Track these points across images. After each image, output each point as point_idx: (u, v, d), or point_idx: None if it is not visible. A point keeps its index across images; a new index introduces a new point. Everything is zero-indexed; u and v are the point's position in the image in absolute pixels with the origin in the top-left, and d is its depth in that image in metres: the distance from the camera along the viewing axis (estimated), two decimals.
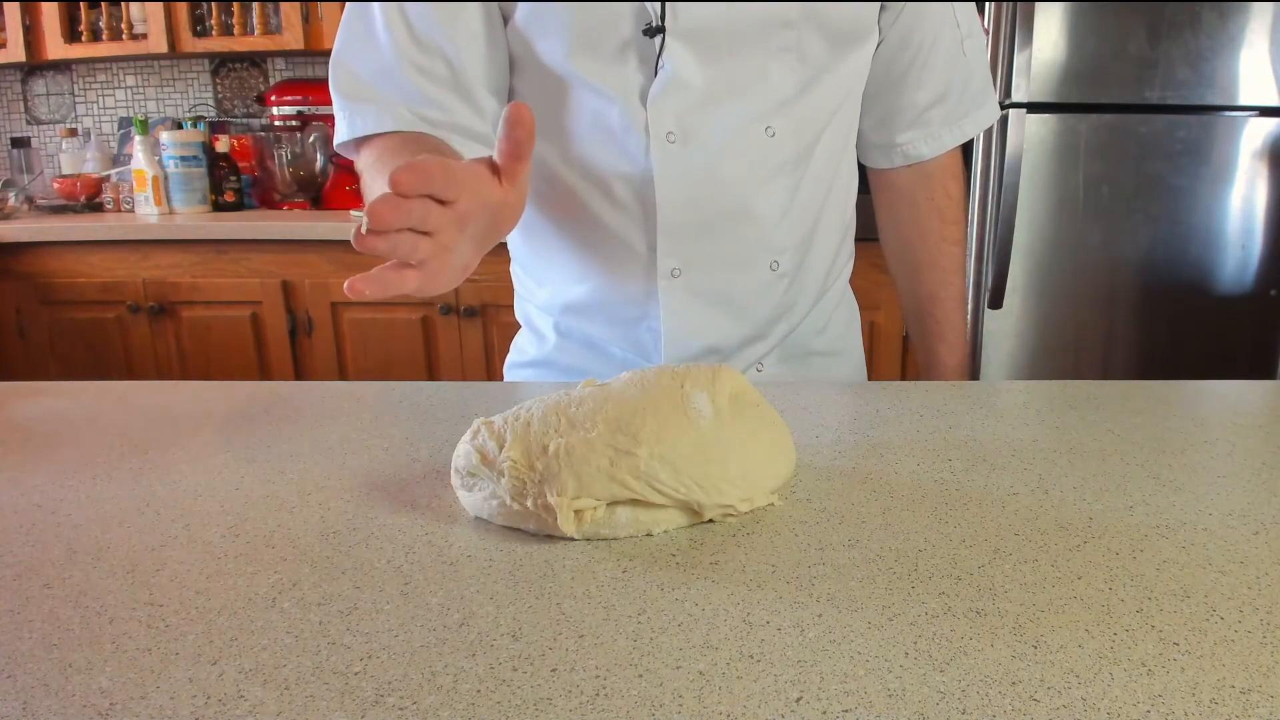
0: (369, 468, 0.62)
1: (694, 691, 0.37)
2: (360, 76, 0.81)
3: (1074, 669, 0.38)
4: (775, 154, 0.83)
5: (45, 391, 0.82)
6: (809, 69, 0.82)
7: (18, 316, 2.36)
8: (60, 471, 0.62)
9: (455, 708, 0.36)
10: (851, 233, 0.98)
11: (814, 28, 0.80)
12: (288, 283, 2.25)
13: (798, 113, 0.83)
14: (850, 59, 0.85)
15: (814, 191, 0.88)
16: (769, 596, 0.44)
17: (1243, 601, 0.43)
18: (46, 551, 0.50)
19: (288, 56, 2.75)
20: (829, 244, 0.93)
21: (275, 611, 0.44)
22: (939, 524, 0.52)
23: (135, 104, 2.86)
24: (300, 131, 2.61)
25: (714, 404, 0.54)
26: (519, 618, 0.43)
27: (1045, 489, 0.57)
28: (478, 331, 2.23)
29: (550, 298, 0.94)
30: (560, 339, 0.95)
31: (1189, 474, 0.60)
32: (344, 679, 0.38)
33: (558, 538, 0.51)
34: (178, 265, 2.28)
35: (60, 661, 0.40)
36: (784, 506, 0.55)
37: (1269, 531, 0.51)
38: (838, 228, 0.93)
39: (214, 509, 0.56)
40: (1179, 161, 1.96)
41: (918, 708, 0.36)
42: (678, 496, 0.51)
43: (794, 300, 0.91)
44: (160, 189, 2.51)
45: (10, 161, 2.82)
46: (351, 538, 0.51)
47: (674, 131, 0.80)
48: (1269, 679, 0.37)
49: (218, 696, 0.37)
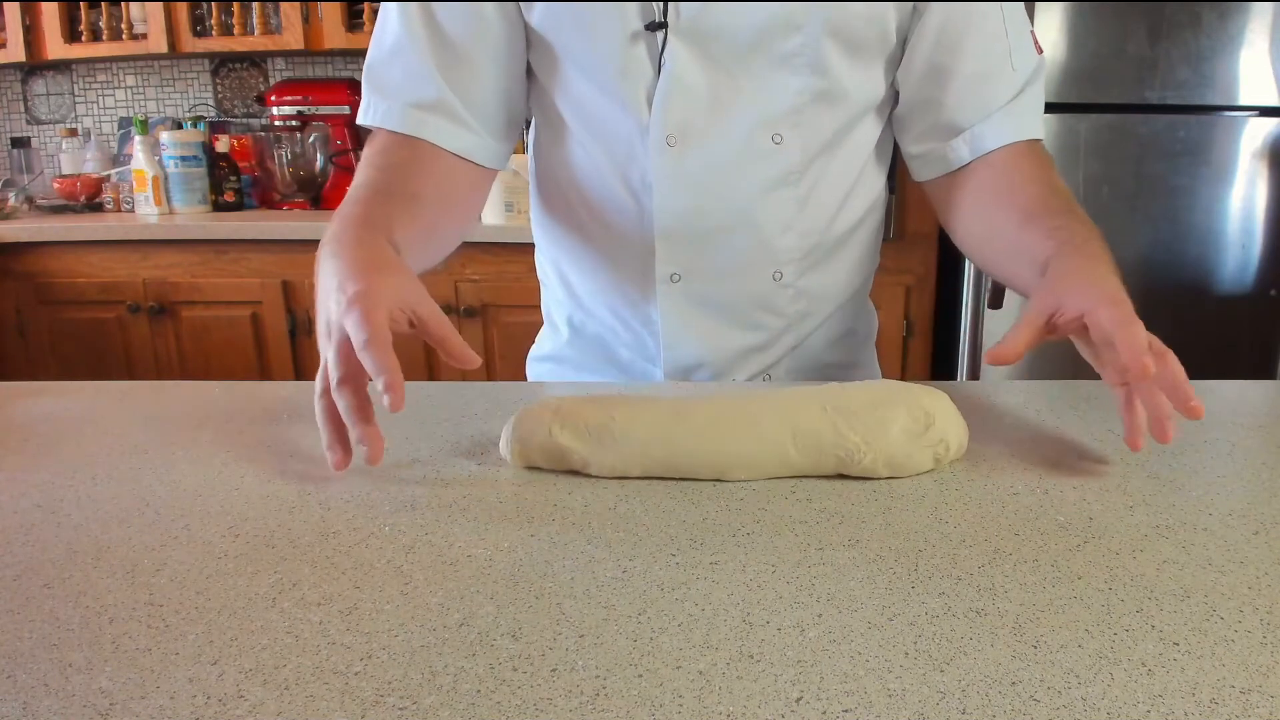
0: (369, 468, 0.62)
1: (694, 691, 0.37)
2: (378, 55, 0.82)
3: (1074, 669, 0.38)
4: (781, 163, 0.81)
5: (45, 391, 0.82)
6: (823, 78, 0.79)
7: (18, 316, 2.36)
8: (60, 471, 0.62)
9: (455, 708, 0.36)
10: (875, 247, 0.94)
11: (827, 34, 0.77)
12: (288, 283, 2.25)
13: (808, 122, 0.81)
14: (868, 70, 0.81)
15: (825, 203, 0.85)
16: (769, 596, 0.44)
17: (1243, 601, 0.43)
18: (46, 551, 0.50)
19: (288, 56, 2.75)
20: (845, 258, 0.90)
21: (275, 611, 0.44)
22: (939, 524, 0.52)
23: (135, 104, 2.86)
24: (300, 131, 2.61)
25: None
26: (519, 618, 0.43)
27: (1045, 489, 0.57)
28: (478, 331, 2.23)
29: (564, 293, 0.95)
30: (573, 335, 0.95)
31: (1189, 474, 0.60)
32: (344, 679, 0.38)
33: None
34: (178, 265, 2.28)
35: (60, 661, 0.40)
36: (785, 506, 0.55)
37: (1269, 531, 0.51)
38: (856, 242, 0.90)
39: (214, 509, 0.56)
40: (1179, 161, 1.96)
41: (918, 708, 0.36)
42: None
43: (804, 312, 0.89)
44: (160, 189, 2.51)
45: (10, 161, 2.82)
46: (351, 538, 0.51)
47: (673, 135, 0.80)
48: (1269, 679, 0.37)
49: (218, 696, 0.37)
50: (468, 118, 0.81)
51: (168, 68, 2.82)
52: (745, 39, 0.77)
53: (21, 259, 2.32)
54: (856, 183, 0.87)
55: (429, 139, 0.80)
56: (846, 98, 0.81)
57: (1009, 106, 0.81)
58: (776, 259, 0.85)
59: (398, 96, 0.80)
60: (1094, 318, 0.59)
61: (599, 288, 0.91)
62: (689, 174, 0.81)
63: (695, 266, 0.85)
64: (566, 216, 0.90)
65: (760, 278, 0.86)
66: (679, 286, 0.86)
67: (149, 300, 2.29)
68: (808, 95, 0.79)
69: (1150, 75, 1.92)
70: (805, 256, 0.86)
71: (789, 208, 0.84)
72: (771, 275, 0.86)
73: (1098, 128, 1.95)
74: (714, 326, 0.88)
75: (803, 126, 0.81)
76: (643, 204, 0.84)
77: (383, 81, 0.81)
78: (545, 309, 1.01)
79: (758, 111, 0.80)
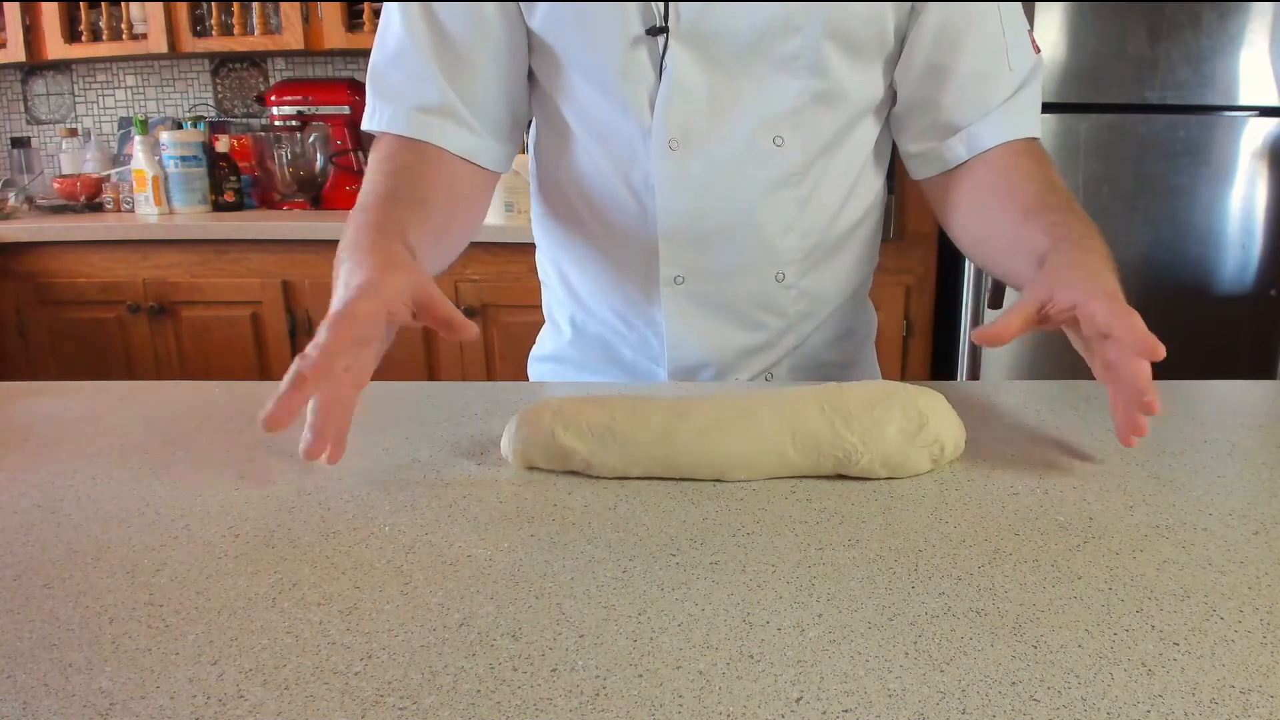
0: (369, 468, 0.62)
1: (694, 691, 0.37)
2: (381, 59, 0.82)
3: (1074, 669, 0.38)
4: (782, 165, 0.82)
5: (45, 391, 0.82)
6: (823, 80, 0.79)
7: (18, 316, 2.36)
8: (60, 471, 0.62)
9: (455, 708, 0.36)
10: (875, 247, 0.94)
11: (826, 36, 0.77)
12: (288, 283, 2.25)
13: (809, 124, 0.81)
14: (867, 71, 0.81)
15: (826, 203, 0.86)
16: (769, 596, 0.44)
17: (1243, 601, 0.43)
18: (46, 551, 0.50)
19: (288, 56, 2.75)
20: (845, 257, 0.90)
21: (275, 611, 0.44)
22: (939, 524, 0.52)
23: (135, 104, 2.86)
24: (300, 131, 2.61)
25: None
26: (519, 618, 0.43)
27: (1045, 489, 0.57)
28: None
29: (566, 294, 0.95)
30: (576, 335, 0.96)
31: (1189, 474, 0.60)
32: (344, 679, 0.38)
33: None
34: (178, 265, 2.28)
35: (60, 661, 0.40)
36: (785, 506, 0.55)
37: (1269, 531, 0.51)
38: (856, 242, 0.91)
39: (214, 509, 0.56)
40: (1179, 161, 1.96)
41: (918, 708, 0.36)
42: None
43: (805, 312, 0.89)
44: (160, 189, 2.51)
45: (10, 161, 2.82)
46: (351, 538, 0.52)
47: (676, 139, 0.80)
48: (1269, 679, 0.37)
49: (218, 696, 0.37)
50: (471, 120, 0.81)
51: (168, 68, 2.82)
52: (745, 41, 0.77)
53: (21, 259, 2.32)
54: (856, 183, 0.88)
55: (434, 142, 0.80)
56: (846, 99, 0.81)
57: (1006, 105, 0.81)
58: (778, 259, 0.86)
59: (402, 100, 0.80)
60: (1086, 310, 0.59)
61: (601, 288, 0.91)
62: (691, 176, 0.81)
63: (698, 268, 0.85)
64: (568, 218, 0.91)
65: (763, 278, 0.86)
66: (682, 288, 0.86)
67: (149, 300, 2.29)
68: (808, 97, 0.80)
69: (1150, 75, 1.92)
70: (807, 257, 0.87)
71: (790, 208, 0.84)
72: (774, 276, 0.86)
73: (1098, 128, 1.95)
74: (717, 327, 0.88)
75: (803, 128, 0.81)
76: (645, 206, 0.84)
77: (386, 85, 0.81)
78: (546, 309, 1.01)
79: (758, 113, 0.80)
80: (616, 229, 0.86)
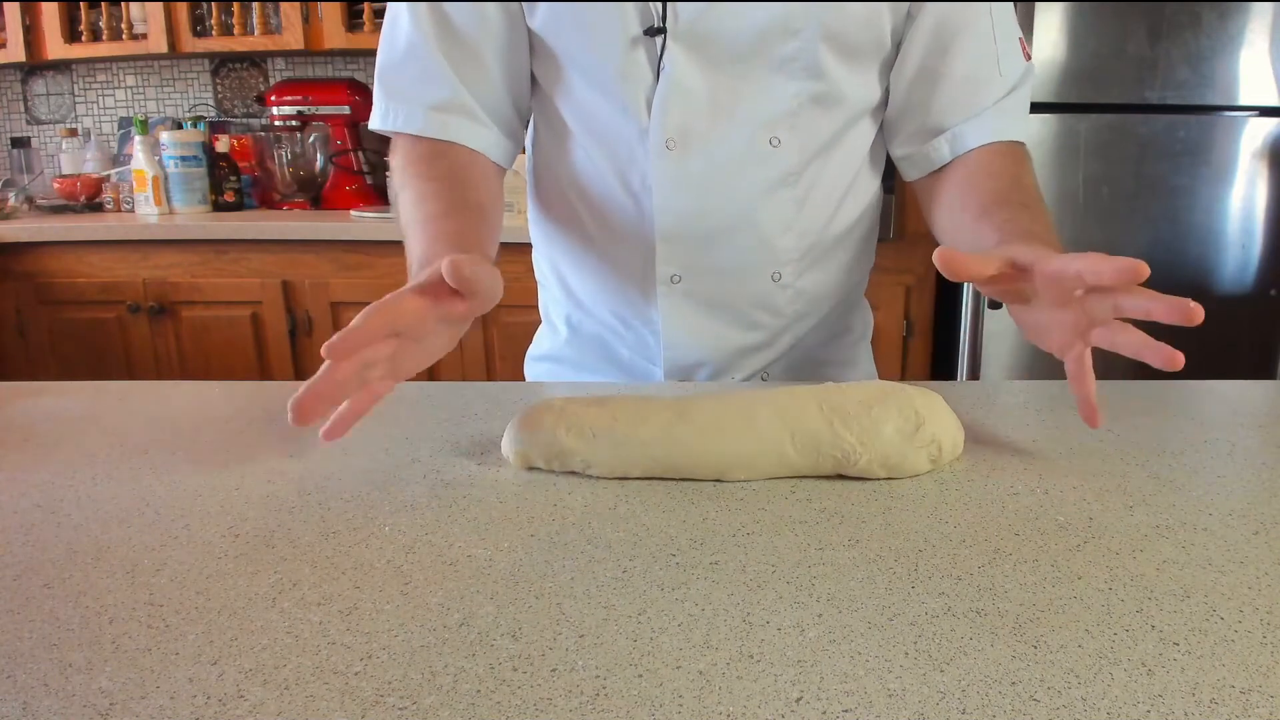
0: (369, 468, 0.62)
1: (694, 691, 0.37)
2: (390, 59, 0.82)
3: (1074, 669, 0.38)
4: (779, 165, 0.82)
5: (45, 391, 0.82)
6: (820, 82, 0.79)
7: (18, 316, 2.36)
8: (60, 471, 0.62)
9: (455, 708, 0.36)
10: (871, 247, 0.95)
11: (823, 38, 0.77)
12: (288, 283, 2.25)
13: (805, 125, 0.81)
14: (864, 74, 0.82)
15: (823, 204, 0.86)
16: (769, 596, 0.44)
17: (1243, 601, 0.43)
18: (46, 551, 0.50)
19: (288, 56, 2.75)
20: (842, 257, 0.91)
21: (275, 611, 0.44)
22: (939, 524, 0.52)
23: (135, 104, 2.86)
24: (300, 131, 2.61)
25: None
26: (519, 618, 0.43)
27: (1045, 489, 0.57)
28: (478, 331, 2.23)
29: (562, 293, 0.95)
30: (572, 334, 0.96)
31: (1189, 474, 0.60)
32: (344, 679, 0.38)
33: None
34: (178, 265, 2.28)
35: (60, 661, 0.40)
36: (785, 506, 0.55)
37: (1269, 531, 0.51)
38: (852, 242, 0.91)
39: (214, 509, 0.56)
40: (1179, 161, 1.96)
41: (918, 708, 0.36)
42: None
43: (801, 311, 0.90)
44: (160, 189, 2.51)
45: (10, 161, 2.82)
46: (351, 538, 0.51)
47: (673, 139, 0.80)
48: (1269, 679, 0.37)
49: (218, 696, 0.37)
50: (482, 115, 0.82)
51: (168, 68, 2.82)
52: (743, 43, 0.77)
53: (21, 259, 2.32)
54: (853, 183, 0.88)
55: (454, 139, 0.80)
56: (843, 101, 0.82)
57: (993, 109, 0.82)
58: (776, 259, 0.86)
59: (415, 99, 0.80)
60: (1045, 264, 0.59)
61: (598, 288, 0.92)
62: (689, 177, 0.81)
63: (696, 267, 0.85)
64: (566, 217, 0.91)
65: (760, 278, 0.86)
66: (679, 287, 0.86)
67: (149, 300, 2.29)
68: (805, 98, 0.80)
69: (1150, 75, 1.92)
70: (803, 256, 0.87)
71: (788, 208, 0.84)
72: (771, 275, 0.86)
73: (1098, 128, 1.95)
74: (714, 326, 0.88)
75: (800, 129, 0.81)
76: (643, 206, 0.84)
77: (397, 85, 0.81)
78: (543, 308, 1.01)
79: (756, 115, 0.80)
80: (614, 229, 0.86)
